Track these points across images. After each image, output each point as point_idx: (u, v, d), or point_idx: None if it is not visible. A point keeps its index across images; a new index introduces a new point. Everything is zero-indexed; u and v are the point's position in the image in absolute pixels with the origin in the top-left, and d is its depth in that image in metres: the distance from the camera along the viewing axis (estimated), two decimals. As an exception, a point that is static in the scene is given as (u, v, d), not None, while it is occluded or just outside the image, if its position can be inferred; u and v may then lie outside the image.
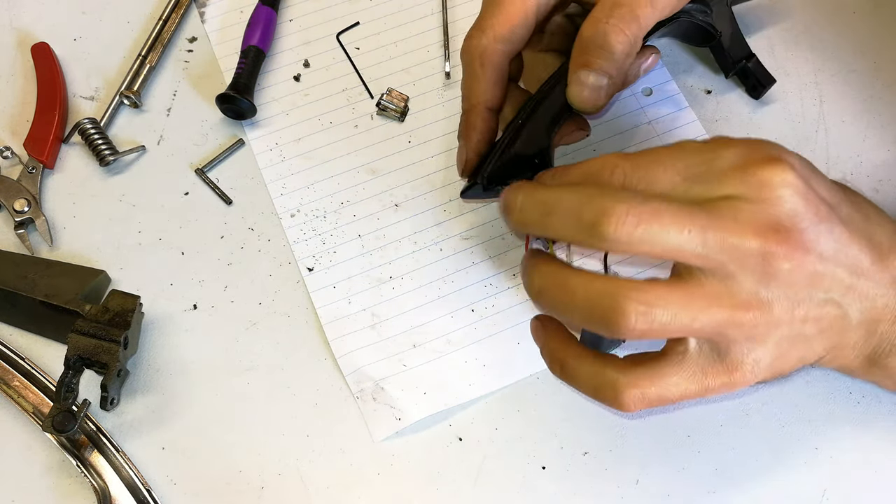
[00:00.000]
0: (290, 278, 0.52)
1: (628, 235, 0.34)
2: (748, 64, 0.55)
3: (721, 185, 0.36)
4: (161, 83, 0.58)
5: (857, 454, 0.47)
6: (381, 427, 0.48)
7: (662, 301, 0.35)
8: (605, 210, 0.35)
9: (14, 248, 0.53)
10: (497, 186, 0.46)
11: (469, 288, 0.52)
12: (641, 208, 0.34)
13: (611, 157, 0.38)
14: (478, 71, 0.47)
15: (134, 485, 0.47)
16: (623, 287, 0.35)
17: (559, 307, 0.38)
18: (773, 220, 0.35)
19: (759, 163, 0.36)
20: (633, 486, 0.47)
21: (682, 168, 0.37)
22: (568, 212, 0.36)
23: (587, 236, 0.35)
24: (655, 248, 0.35)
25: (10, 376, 0.49)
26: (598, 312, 0.36)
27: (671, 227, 0.34)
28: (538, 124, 0.46)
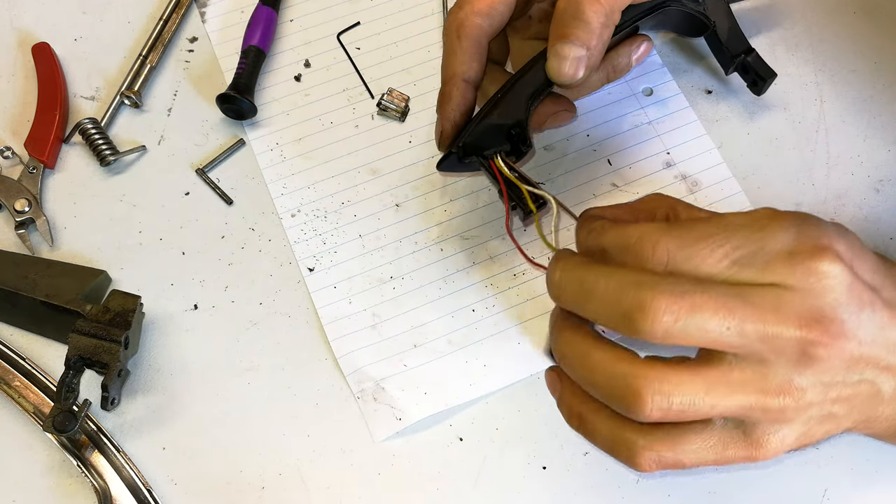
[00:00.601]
0: (291, 278, 0.52)
1: (665, 330, 0.34)
2: (748, 58, 0.54)
3: (768, 271, 0.35)
4: (162, 83, 0.58)
5: (857, 454, 0.47)
6: (382, 427, 0.48)
7: (682, 388, 0.35)
8: (642, 304, 0.34)
9: (15, 248, 0.53)
10: (473, 157, 0.46)
11: (469, 288, 0.52)
12: (681, 303, 0.34)
13: (654, 230, 0.37)
14: (454, 43, 0.46)
15: (134, 485, 0.47)
16: (643, 370, 0.35)
17: (580, 379, 0.38)
18: (816, 311, 0.34)
19: (807, 252, 0.35)
20: (633, 486, 0.47)
21: (729, 250, 0.36)
22: (605, 299, 0.36)
23: (623, 327, 0.35)
24: (692, 340, 0.34)
25: (10, 376, 0.49)
26: (616, 393, 0.36)
27: (710, 320, 0.34)
28: (517, 96, 0.45)
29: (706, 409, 0.35)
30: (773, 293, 0.35)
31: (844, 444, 0.48)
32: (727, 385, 0.35)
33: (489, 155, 0.46)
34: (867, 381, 0.37)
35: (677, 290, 0.34)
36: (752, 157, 0.55)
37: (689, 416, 0.35)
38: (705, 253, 0.36)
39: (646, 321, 0.34)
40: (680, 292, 0.34)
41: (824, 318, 0.34)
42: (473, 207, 0.54)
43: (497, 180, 0.46)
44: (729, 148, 0.56)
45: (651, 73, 0.58)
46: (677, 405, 0.35)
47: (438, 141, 0.48)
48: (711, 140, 0.56)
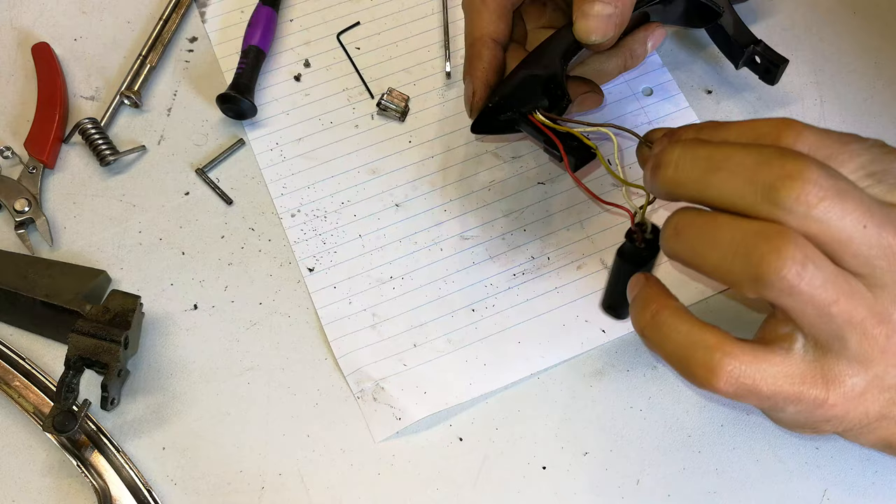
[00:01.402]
0: (291, 278, 0.52)
1: (808, 207, 0.31)
2: (757, 48, 0.54)
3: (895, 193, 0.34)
4: (161, 83, 0.58)
5: (857, 454, 0.47)
6: (382, 427, 0.48)
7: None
8: (790, 173, 0.31)
9: (14, 248, 0.53)
10: (510, 113, 0.44)
11: (469, 288, 0.52)
12: (830, 183, 0.31)
13: (790, 121, 0.34)
14: (479, 6, 0.45)
15: (134, 485, 0.47)
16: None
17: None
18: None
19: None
20: (633, 486, 0.47)
21: (866, 161, 0.34)
22: (741, 168, 0.32)
23: (760, 199, 0.32)
24: (828, 230, 0.32)
25: (10, 376, 0.49)
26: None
27: (852, 214, 0.32)
28: (552, 52, 0.44)
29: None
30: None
31: (845, 444, 0.48)
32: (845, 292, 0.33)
33: (527, 111, 0.44)
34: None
35: (828, 171, 0.32)
36: (751, 157, 0.55)
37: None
38: (845, 157, 0.34)
39: (792, 190, 0.31)
40: (831, 174, 0.32)
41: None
42: (473, 207, 0.54)
43: (542, 133, 0.44)
44: (729, 148, 0.56)
45: (651, 72, 0.58)
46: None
47: (471, 104, 0.46)
48: (711, 140, 0.56)
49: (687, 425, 0.48)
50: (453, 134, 0.56)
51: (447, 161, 0.55)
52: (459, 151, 0.56)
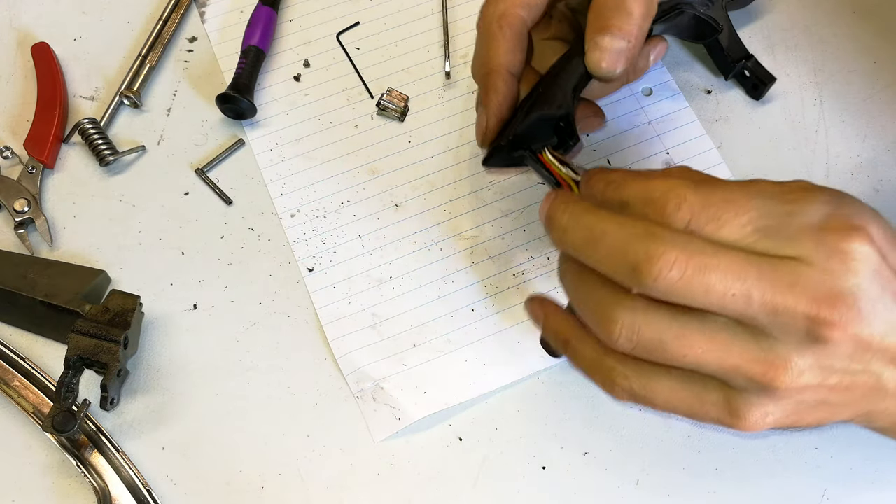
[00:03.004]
0: (291, 278, 0.52)
1: (669, 285, 0.33)
2: (747, 64, 0.55)
3: (792, 244, 0.34)
4: (161, 83, 0.58)
5: (857, 454, 0.47)
6: (381, 427, 0.48)
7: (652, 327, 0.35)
8: (651, 255, 0.33)
9: (14, 248, 0.53)
10: (521, 151, 0.45)
11: (469, 288, 0.52)
12: (691, 261, 0.33)
13: (679, 185, 0.35)
14: (497, 34, 0.45)
15: (134, 485, 0.47)
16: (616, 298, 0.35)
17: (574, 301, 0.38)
18: (836, 292, 0.33)
19: (838, 230, 0.34)
20: (633, 486, 0.47)
21: (755, 217, 0.35)
22: (613, 247, 0.35)
23: (627, 277, 0.34)
24: (694, 300, 0.34)
25: (10, 376, 0.49)
26: (594, 320, 0.36)
27: (718, 283, 0.33)
28: (562, 89, 0.44)
29: (675, 355, 0.35)
30: (793, 267, 0.33)
31: (844, 444, 0.48)
32: (710, 342, 0.34)
33: (537, 149, 0.44)
34: (872, 372, 0.35)
35: (690, 248, 0.33)
36: (751, 157, 0.55)
37: (655, 356, 0.35)
38: (729, 216, 0.35)
39: (651, 273, 0.33)
40: (693, 250, 0.33)
41: (842, 300, 0.33)
42: (473, 207, 0.54)
43: (549, 173, 0.44)
44: (728, 148, 0.56)
45: (651, 72, 0.58)
46: (644, 341, 0.35)
47: (483, 136, 0.46)
48: (711, 140, 0.56)
49: (687, 425, 0.48)
50: (453, 134, 0.56)
51: (447, 161, 0.55)
52: (459, 151, 0.56)
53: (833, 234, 0.34)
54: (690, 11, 0.49)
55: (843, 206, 0.35)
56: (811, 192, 0.35)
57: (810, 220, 0.34)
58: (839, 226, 0.34)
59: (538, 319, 0.42)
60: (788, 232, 0.34)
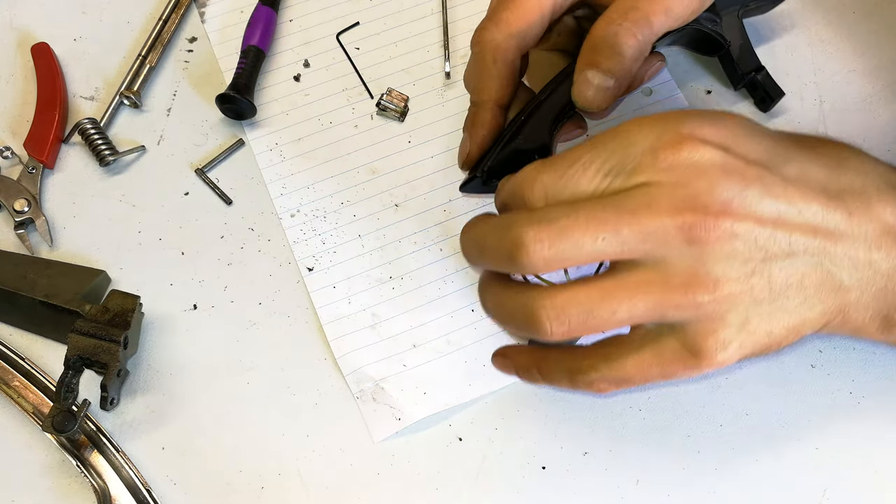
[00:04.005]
0: (290, 278, 0.52)
1: (543, 259, 0.36)
2: (757, 76, 0.55)
3: (636, 174, 0.36)
4: (161, 83, 0.58)
5: (857, 454, 0.47)
6: (381, 427, 0.48)
7: (575, 300, 0.36)
8: (514, 241, 0.36)
9: (14, 248, 0.53)
10: (496, 181, 0.46)
11: (469, 288, 0.52)
12: (549, 229, 0.35)
13: (531, 169, 0.39)
14: (490, 67, 0.46)
15: (134, 485, 0.47)
16: (536, 295, 0.37)
17: (501, 323, 0.41)
18: (688, 197, 0.35)
19: (668, 145, 0.36)
20: (633, 486, 0.47)
21: (599, 164, 0.37)
22: (492, 248, 0.38)
23: (512, 267, 0.37)
24: (574, 260, 0.36)
25: (10, 376, 0.49)
26: (522, 323, 0.38)
27: (583, 238, 0.35)
28: (541, 120, 0.45)
29: (606, 315, 0.36)
30: (643, 192, 0.35)
31: (844, 444, 0.48)
32: (625, 290, 0.36)
33: None
34: (809, 263, 0.36)
35: (545, 219, 0.36)
36: (751, 157, 0.55)
37: (592, 326, 0.36)
38: (577, 175, 0.37)
39: (523, 255, 0.36)
40: (548, 220, 0.36)
41: (698, 200, 0.35)
42: (473, 207, 0.54)
43: None
44: (728, 148, 0.56)
45: (651, 73, 0.58)
46: (574, 317, 0.36)
47: (463, 161, 0.48)
48: (711, 140, 0.56)
49: (686, 425, 0.48)
50: (453, 134, 0.56)
51: (447, 161, 0.55)
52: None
53: (665, 151, 0.36)
54: (695, 27, 0.49)
55: (669, 123, 0.37)
56: (639, 122, 0.38)
57: (643, 147, 0.36)
58: (669, 140, 0.36)
59: (508, 369, 0.44)
60: (630, 164, 0.36)
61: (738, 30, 0.54)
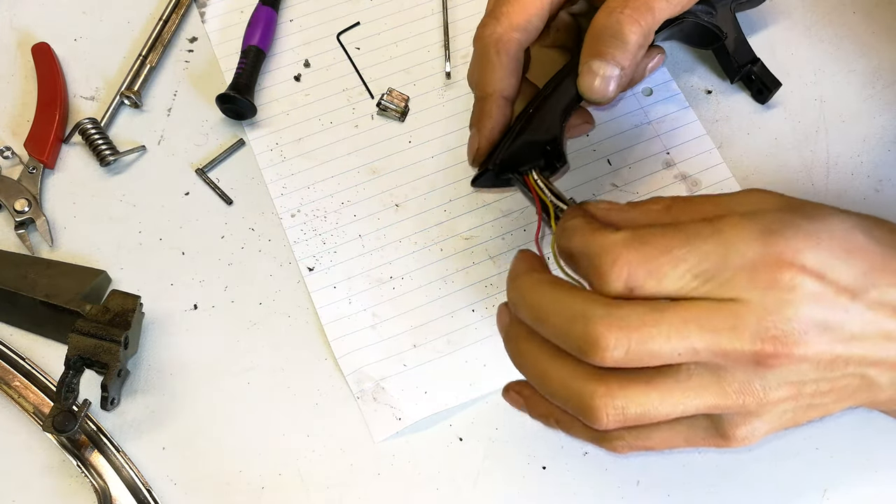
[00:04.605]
0: (291, 278, 0.52)
1: (616, 360, 0.35)
2: (753, 68, 0.55)
3: (728, 287, 0.35)
4: (161, 83, 0.58)
5: (857, 454, 0.47)
6: (382, 427, 0.48)
7: (633, 402, 0.36)
8: (590, 339, 0.35)
9: (14, 248, 0.53)
10: (508, 174, 0.46)
11: (469, 288, 0.52)
12: (631, 335, 0.34)
13: (615, 243, 0.36)
14: (493, 59, 0.46)
15: (134, 485, 0.47)
16: (591, 390, 0.36)
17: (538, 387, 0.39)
18: (772, 326, 0.34)
19: (769, 267, 0.35)
20: (633, 486, 0.47)
21: (693, 264, 0.35)
22: (557, 328, 0.36)
23: (576, 353, 0.36)
24: (645, 363, 0.35)
25: (10, 376, 0.49)
26: (574, 408, 0.37)
27: (663, 347, 0.34)
28: (550, 112, 0.45)
29: (661, 416, 0.36)
30: (730, 309, 0.35)
31: (844, 444, 0.48)
32: (683, 392, 0.36)
33: (524, 171, 0.45)
34: (855, 375, 0.37)
35: (626, 323, 0.34)
36: (751, 157, 0.55)
37: (645, 422, 0.36)
38: (667, 269, 0.35)
39: (596, 355, 0.35)
40: (629, 325, 0.34)
41: (780, 332, 0.34)
42: (473, 207, 0.54)
43: (532, 196, 0.45)
44: (729, 148, 0.56)
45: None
46: (631, 414, 0.36)
47: (473, 157, 0.47)
48: (711, 140, 0.56)
49: (687, 425, 0.48)
50: (453, 134, 0.56)
51: (447, 161, 0.55)
52: (459, 151, 0.56)
53: (764, 272, 0.35)
54: (692, 20, 0.49)
55: (773, 240, 0.35)
56: (741, 228, 0.36)
57: (743, 259, 0.35)
58: (770, 262, 0.35)
59: (519, 406, 0.43)
60: (725, 274, 0.35)
61: (731, 22, 0.54)
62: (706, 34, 0.52)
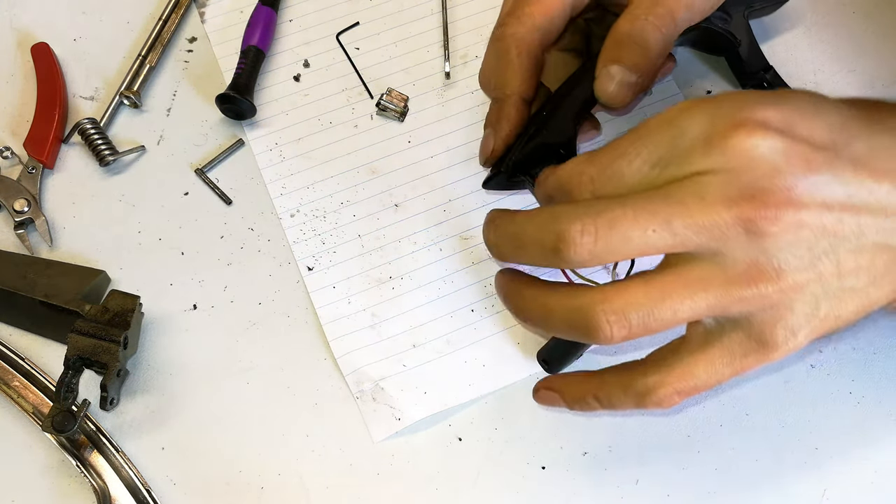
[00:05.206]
0: (290, 278, 0.52)
1: (590, 253, 0.34)
2: (766, 75, 0.55)
3: (689, 162, 0.34)
4: (161, 83, 0.58)
5: (857, 454, 0.47)
6: (381, 427, 0.48)
7: (635, 301, 0.35)
8: (559, 235, 0.35)
9: (14, 248, 0.53)
10: (521, 177, 0.45)
11: (469, 288, 0.52)
12: (597, 221, 0.34)
13: (577, 162, 0.37)
14: (514, 60, 0.45)
15: (134, 485, 0.47)
16: (591, 297, 0.35)
17: (541, 325, 0.39)
18: (746, 187, 0.33)
19: (723, 132, 0.33)
20: (633, 486, 0.47)
21: (646, 155, 0.35)
22: (533, 242, 0.36)
23: (556, 261, 0.36)
24: (622, 254, 0.34)
25: (9, 376, 0.49)
26: (576, 330, 0.36)
27: (632, 230, 0.34)
28: (565, 114, 0.45)
29: (668, 315, 0.34)
30: (695, 182, 0.33)
31: (844, 444, 0.48)
32: (685, 286, 0.34)
33: (536, 173, 0.45)
34: (878, 245, 0.34)
35: (592, 211, 0.34)
36: (751, 157, 0.55)
37: (655, 327, 0.35)
38: (624, 167, 0.35)
39: (568, 249, 0.34)
40: (595, 212, 0.34)
41: (757, 189, 0.33)
42: (473, 207, 0.54)
43: None
44: (728, 148, 0.56)
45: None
46: (636, 319, 0.35)
47: (486, 158, 0.47)
48: (711, 140, 0.56)
49: (687, 425, 0.48)
50: (453, 134, 0.56)
51: (447, 161, 0.55)
52: (459, 151, 0.56)
53: (718, 138, 0.33)
54: (706, 26, 0.49)
55: (724, 106, 0.34)
56: (690, 107, 0.35)
57: (695, 134, 0.34)
58: (722, 127, 0.34)
59: (554, 402, 0.43)
60: (681, 153, 0.34)
61: (744, 29, 0.54)
62: (719, 41, 0.52)
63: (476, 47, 0.59)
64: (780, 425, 0.48)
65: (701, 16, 0.45)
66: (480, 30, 0.59)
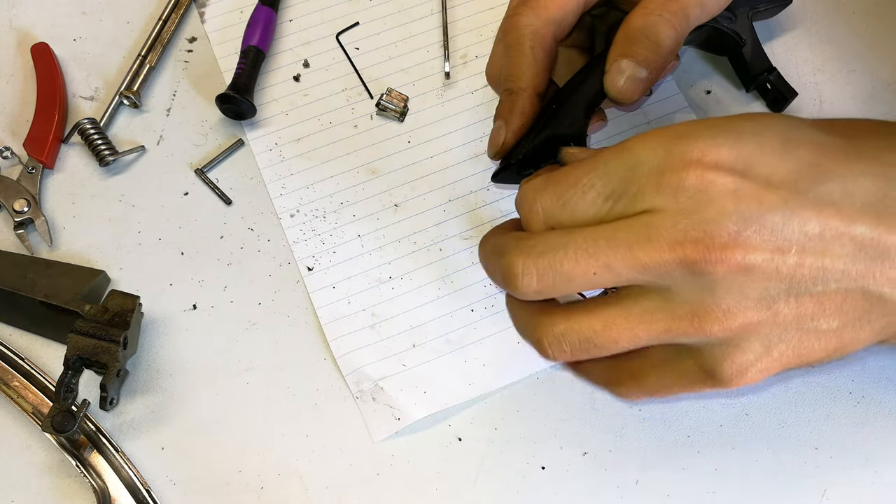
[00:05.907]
0: (290, 278, 0.52)
1: (533, 290, 0.35)
2: (770, 77, 0.55)
3: (640, 199, 0.34)
4: (161, 83, 0.58)
5: (857, 454, 0.47)
6: (381, 427, 0.48)
7: (574, 331, 0.36)
8: (504, 270, 0.36)
9: (14, 248, 0.53)
10: (530, 170, 0.45)
11: (468, 288, 0.52)
12: (537, 262, 0.35)
13: (530, 188, 0.37)
14: (528, 53, 0.44)
15: (133, 485, 0.47)
16: (537, 322, 0.37)
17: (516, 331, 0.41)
18: (691, 228, 0.32)
19: (674, 169, 0.33)
20: (633, 486, 0.47)
21: (600, 187, 0.35)
22: (490, 270, 0.39)
23: (510, 291, 0.37)
24: (567, 291, 0.35)
25: (9, 376, 0.49)
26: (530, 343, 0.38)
27: (573, 272, 0.34)
28: (575, 107, 0.45)
29: (608, 344, 0.35)
30: (643, 221, 0.33)
31: (844, 444, 0.48)
32: (627, 319, 0.35)
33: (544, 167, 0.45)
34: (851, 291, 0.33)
35: (535, 251, 0.35)
36: (751, 157, 0.55)
37: (593, 353, 0.36)
38: (577, 198, 0.35)
39: (514, 285, 0.36)
40: (537, 252, 0.35)
41: (702, 231, 0.32)
42: (473, 207, 0.54)
43: None
44: (728, 148, 0.55)
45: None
46: (576, 345, 0.36)
47: (496, 150, 0.46)
48: (711, 140, 0.56)
49: (686, 425, 0.48)
50: (453, 134, 0.56)
51: (447, 161, 0.55)
52: (459, 151, 0.56)
53: (671, 175, 0.33)
54: (713, 25, 0.49)
55: (679, 143, 0.34)
56: (645, 140, 0.35)
57: (649, 168, 0.34)
58: (674, 165, 0.33)
59: None
60: (632, 189, 0.34)
61: (748, 31, 0.54)
62: (726, 40, 0.52)
63: (476, 47, 0.59)
64: (780, 425, 0.48)
65: (710, 15, 0.45)
66: (480, 30, 0.59)
